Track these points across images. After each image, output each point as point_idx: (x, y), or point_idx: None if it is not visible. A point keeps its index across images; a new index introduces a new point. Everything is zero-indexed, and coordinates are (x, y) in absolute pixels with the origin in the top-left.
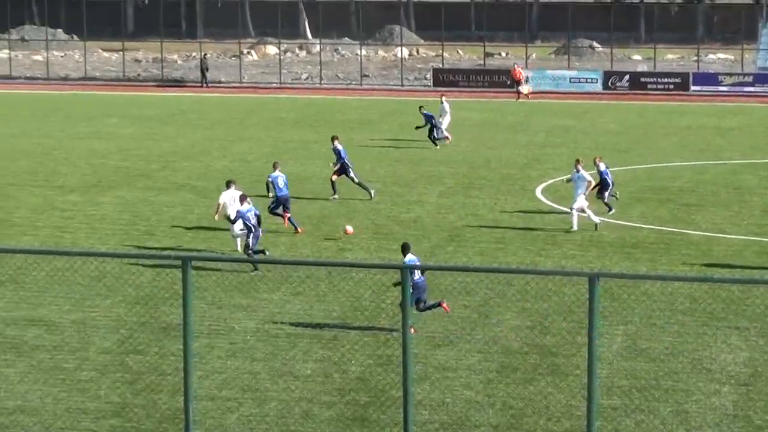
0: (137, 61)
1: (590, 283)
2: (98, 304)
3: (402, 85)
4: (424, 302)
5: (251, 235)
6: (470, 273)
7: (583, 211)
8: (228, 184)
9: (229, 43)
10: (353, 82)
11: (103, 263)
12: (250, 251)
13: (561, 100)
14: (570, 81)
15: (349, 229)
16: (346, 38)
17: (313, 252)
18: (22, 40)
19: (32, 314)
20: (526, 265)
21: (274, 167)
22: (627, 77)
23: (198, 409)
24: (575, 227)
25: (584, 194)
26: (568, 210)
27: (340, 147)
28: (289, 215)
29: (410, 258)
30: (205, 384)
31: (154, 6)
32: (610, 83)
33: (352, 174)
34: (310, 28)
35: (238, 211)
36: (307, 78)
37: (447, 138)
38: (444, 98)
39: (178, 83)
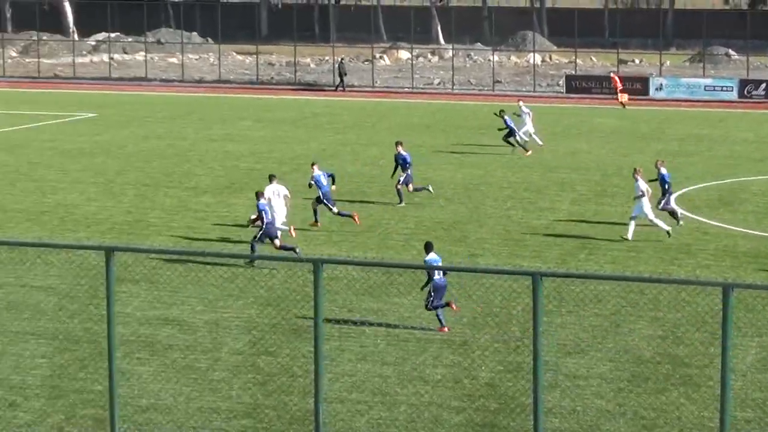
0: (271, 64)
1: (724, 293)
2: (230, 305)
3: (534, 92)
4: (437, 301)
5: (262, 231)
6: (603, 281)
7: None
8: (270, 179)
9: (361, 47)
10: (485, 88)
11: (236, 264)
12: (255, 243)
13: (695, 108)
14: (705, 89)
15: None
16: (479, 44)
17: (443, 257)
18: (158, 42)
19: (166, 314)
20: (659, 274)
21: (313, 167)
22: (763, 86)
23: (328, 411)
24: (628, 235)
25: (647, 203)
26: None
27: (404, 153)
28: (337, 210)
29: (433, 257)
30: (335, 387)
31: (288, 10)
32: (745, 92)
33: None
34: (442, 33)
35: (258, 205)
36: (439, 83)
37: (527, 142)
38: (522, 103)
39: (311, 87)
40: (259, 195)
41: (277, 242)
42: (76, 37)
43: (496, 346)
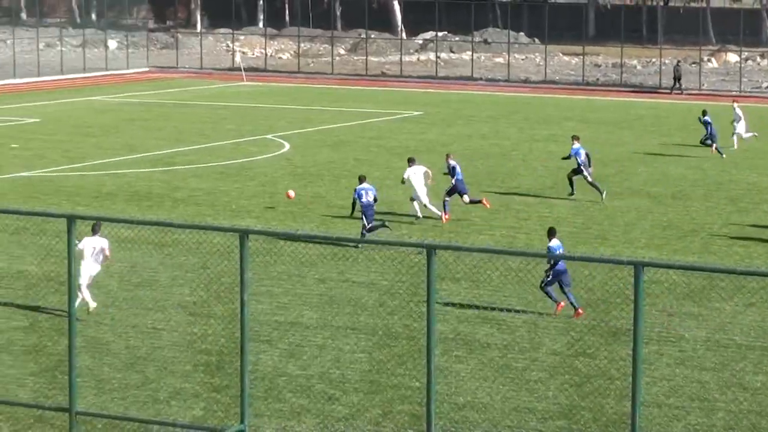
0: (597, 65)
1: None
2: (549, 305)
3: None
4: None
5: (368, 214)
6: None
7: None
8: (410, 161)
9: (689, 49)
10: None
11: None
12: (364, 231)
13: None
14: None
15: (291, 193)
16: None
17: (755, 262)
18: (485, 42)
19: (485, 312)
20: None
21: (448, 158)
22: None
23: (644, 415)
24: None
25: None
26: None
27: (578, 147)
28: (469, 199)
29: (555, 243)
30: (652, 390)
31: (616, 11)
32: None
33: (585, 173)
34: None
35: (355, 189)
36: (767, 87)
37: (734, 145)
38: (736, 104)
39: (637, 89)
40: (361, 179)
41: (368, 225)
42: (404, 35)
43: None
